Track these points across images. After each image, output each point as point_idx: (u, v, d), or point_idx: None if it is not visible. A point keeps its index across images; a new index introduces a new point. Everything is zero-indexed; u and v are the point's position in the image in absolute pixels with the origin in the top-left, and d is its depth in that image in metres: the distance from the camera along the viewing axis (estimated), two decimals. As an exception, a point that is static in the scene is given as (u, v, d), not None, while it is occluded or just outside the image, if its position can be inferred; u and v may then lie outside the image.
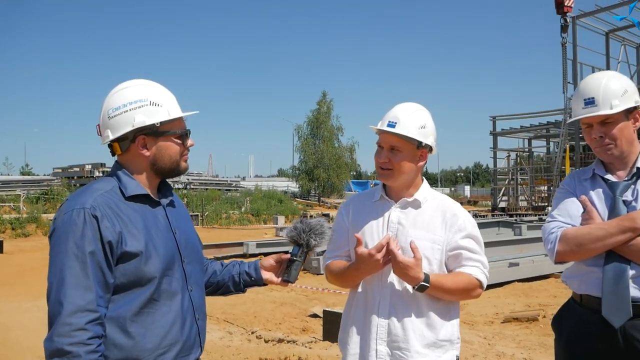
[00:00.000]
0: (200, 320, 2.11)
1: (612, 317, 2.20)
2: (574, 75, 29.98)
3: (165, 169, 2.08)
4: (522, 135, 44.28)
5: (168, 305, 1.97)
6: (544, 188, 38.68)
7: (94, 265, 1.82)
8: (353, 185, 58.62)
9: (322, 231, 2.37)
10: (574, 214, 2.39)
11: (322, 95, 52.24)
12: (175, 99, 2.11)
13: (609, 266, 2.25)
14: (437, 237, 2.37)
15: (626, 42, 33.81)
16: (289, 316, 8.35)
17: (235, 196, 39.24)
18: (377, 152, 2.45)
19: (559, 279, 10.73)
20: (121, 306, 1.88)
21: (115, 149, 2.06)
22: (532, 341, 6.47)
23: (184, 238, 2.12)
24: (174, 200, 2.19)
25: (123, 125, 2.00)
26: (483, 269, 2.38)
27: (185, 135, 2.12)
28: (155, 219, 2.03)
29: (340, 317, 6.59)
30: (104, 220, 1.87)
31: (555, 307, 8.22)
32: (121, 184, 2.00)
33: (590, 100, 2.36)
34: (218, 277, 2.38)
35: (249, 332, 7.12)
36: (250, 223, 30.32)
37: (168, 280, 1.98)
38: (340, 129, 52.27)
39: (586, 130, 2.42)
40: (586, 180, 2.47)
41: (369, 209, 2.51)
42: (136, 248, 1.90)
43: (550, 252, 2.38)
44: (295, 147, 52.92)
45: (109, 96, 2.06)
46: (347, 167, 52.63)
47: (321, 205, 45.80)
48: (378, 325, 2.35)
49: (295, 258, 2.37)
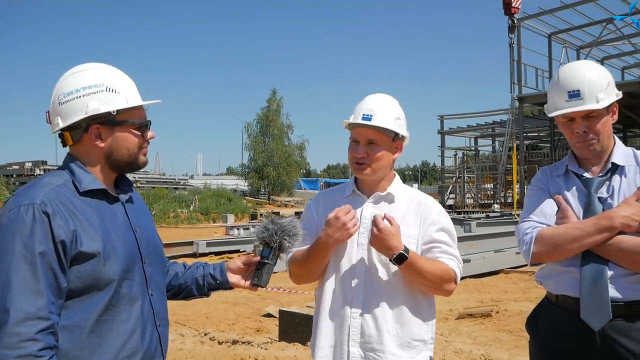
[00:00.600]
0: (161, 327, 1.95)
1: (591, 320, 2.13)
2: (518, 76, 30.78)
3: (121, 163, 1.90)
4: (469, 134, 45.23)
5: (128, 312, 1.80)
6: (489, 186, 39.57)
7: (44, 267, 1.63)
8: (303, 184, 58.58)
9: (295, 232, 2.23)
10: (549, 213, 2.31)
11: (271, 93, 51.77)
12: (135, 86, 1.93)
13: (587, 267, 2.18)
14: (411, 231, 2.29)
15: (567, 44, 34.95)
16: (243, 316, 8.17)
17: (183, 194, 38.42)
18: (352, 147, 2.35)
19: (509, 274, 10.95)
20: (76, 313, 1.70)
21: (67, 139, 1.87)
22: (488, 337, 6.51)
23: (144, 237, 1.95)
24: (133, 196, 2.01)
25: (75, 113, 1.81)
26: (458, 263, 2.31)
27: (145, 126, 1.95)
28: (113, 216, 1.86)
29: (296, 316, 6.54)
30: (56, 217, 1.68)
31: (507, 302, 8.40)
32: (74, 178, 1.82)
33: (575, 92, 2.25)
34: (180, 279, 2.20)
35: (201, 334, 6.90)
36: (199, 222, 29.77)
37: (128, 284, 1.81)
38: (290, 127, 51.99)
39: (566, 124, 2.32)
40: (559, 177, 2.39)
41: (341, 204, 2.40)
42: (93, 248, 1.72)
43: (526, 254, 2.29)
44: (244, 145, 52.36)
45: (60, 80, 1.86)
46: (297, 166, 52.40)
47: (271, 203, 45.43)
48: (350, 325, 2.24)
49: (267, 261, 2.21)
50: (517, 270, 11.25)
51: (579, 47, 35.81)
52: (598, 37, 32.80)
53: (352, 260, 2.29)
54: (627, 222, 2.12)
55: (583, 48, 35.59)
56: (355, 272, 2.27)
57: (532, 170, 26.66)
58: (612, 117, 2.31)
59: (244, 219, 31.39)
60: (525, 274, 10.84)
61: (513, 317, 7.39)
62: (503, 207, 31.70)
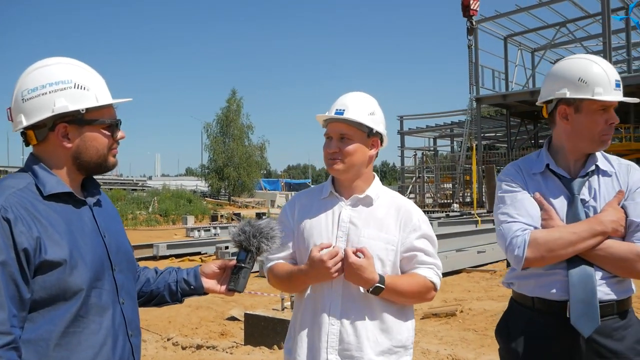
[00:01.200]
0: (134, 337, 1.84)
1: (580, 325, 2.09)
2: (476, 77, 31.33)
3: (90, 164, 1.79)
4: (428, 135, 45.87)
5: (97, 322, 1.68)
6: (448, 186, 40.15)
7: (5, 278, 1.51)
8: (264, 184, 58.18)
9: (272, 235, 2.14)
10: (535, 214, 2.22)
11: (231, 93, 51.27)
12: (104, 83, 1.81)
13: (575, 270, 2.13)
14: (391, 237, 2.23)
15: (522, 46, 35.79)
16: (206, 320, 8.01)
17: (141, 196, 37.67)
18: (326, 144, 2.29)
19: (470, 273, 11.07)
20: (41, 326, 1.58)
21: (30, 138, 1.74)
22: (454, 336, 6.54)
23: (114, 242, 1.83)
24: (102, 199, 1.89)
25: (40, 110, 1.69)
26: (437, 270, 2.27)
27: (116, 125, 1.83)
28: (80, 221, 1.74)
29: (262, 320, 6.43)
30: (17, 223, 1.56)
31: (470, 301, 8.48)
32: (38, 181, 1.69)
33: (619, 82, 2.21)
34: (152, 285, 2.09)
35: (164, 339, 6.72)
36: (158, 224, 29.22)
37: (97, 293, 1.70)
38: (250, 127, 51.56)
39: (599, 112, 2.21)
40: (535, 175, 2.32)
41: (318, 206, 2.33)
42: (58, 256, 1.60)
43: (517, 258, 2.15)
44: (204, 146, 51.73)
45: (24, 74, 1.73)
46: (257, 166, 52.04)
47: (232, 204, 45.00)
48: (329, 332, 2.17)
49: (243, 265, 2.12)
50: (479, 269, 11.40)
51: (533, 50, 36.73)
52: (552, 40, 33.70)
53: None
54: (616, 226, 2.11)
55: (537, 50, 36.54)
56: (334, 282, 2.20)
57: (490, 170, 27.12)
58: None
59: (204, 220, 30.98)
60: (486, 273, 11.00)
61: (477, 316, 7.47)
62: (462, 206, 32.21)
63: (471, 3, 29.55)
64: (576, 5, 30.37)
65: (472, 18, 30.14)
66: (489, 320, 7.22)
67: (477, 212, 22.35)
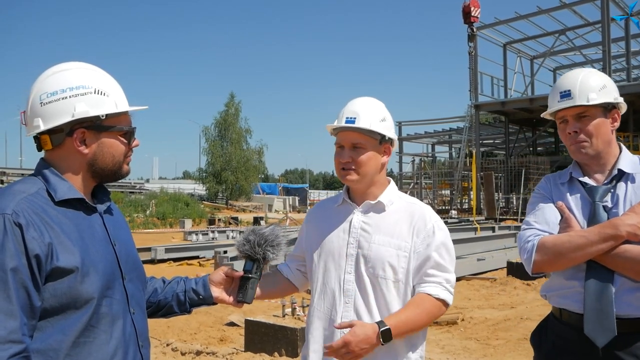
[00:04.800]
0: (144, 348, 1.80)
1: (595, 336, 2.05)
2: (475, 84, 31.37)
3: (105, 171, 1.76)
4: (426, 141, 45.92)
5: (108, 333, 1.64)
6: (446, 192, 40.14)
7: (16, 285, 1.47)
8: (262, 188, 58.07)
9: (277, 242, 2.11)
10: (552, 221, 2.22)
11: (229, 97, 51.21)
12: (122, 90, 1.78)
13: (591, 281, 2.10)
14: (403, 243, 2.18)
15: (522, 54, 35.87)
16: (205, 325, 7.95)
17: (139, 199, 37.64)
18: (337, 153, 2.24)
19: (470, 281, 11.03)
20: (51, 335, 1.54)
21: (45, 143, 1.70)
22: (456, 345, 6.49)
23: (124, 251, 1.79)
24: (112, 207, 1.86)
25: (60, 114, 1.65)
26: (446, 285, 2.18)
27: (132, 133, 1.80)
28: (91, 228, 1.70)
29: (263, 326, 6.36)
30: (29, 229, 1.52)
31: (471, 309, 8.43)
32: (49, 186, 1.66)
33: (566, 92, 2.23)
34: (159, 295, 2.05)
35: (163, 344, 6.66)
36: (156, 227, 29.16)
37: (108, 302, 1.66)
38: (248, 131, 51.50)
39: (561, 126, 2.29)
40: (563, 185, 2.32)
41: (331, 214, 2.31)
42: (71, 263, 1.56)
43: (527, 262, 2.19)
44: (202, 149, 51.65)
45: (42, 78, 1.69)
46: (255, 170, 51.99)
47: (229, 208, 44.88)
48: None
49: (251, 275, 2.08)
50: (479, 277, 11.36)
51: (532, 57, 36.79)
52: (551, 48, 33.77)
53: (341, 275, 2.19)
54: (633, 230, 2.04)
55: (536, 58, 36.60)
56: (345, 290, 2.17)
57: (489, 177, 27.15)
58: (611, 124, 2.25)
59: (202, 223, 30.93)
60: (486, 281, 10.95)
61: (479, 325, 7.42)
62: (460, 213, 32.18)
63: (472, 10, 29.62)
64: (576, 13, 30.45)
65: (473, 25, 30.23)
66: (490, 329, 7.17)
67: (476, 219, 22.31)
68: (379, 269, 2.14)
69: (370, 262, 2.15)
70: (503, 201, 30.99)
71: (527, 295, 9.30)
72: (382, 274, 2.14)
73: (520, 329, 7.07)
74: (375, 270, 2.15)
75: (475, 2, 29.91)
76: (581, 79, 2.24)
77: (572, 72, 2.32)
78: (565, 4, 29.10)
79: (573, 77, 2.27)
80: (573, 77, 2.27)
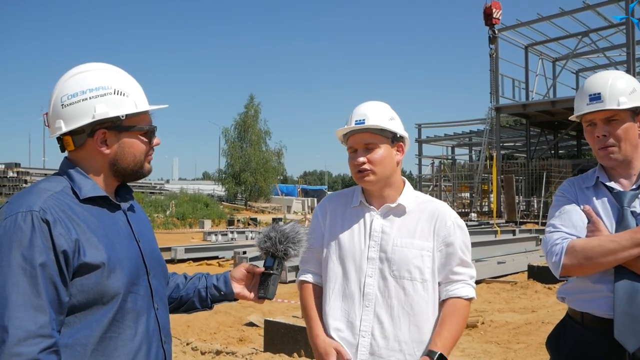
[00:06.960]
0: (166, 343, 1.81)
1: (625, 341, 2.01)
2: (495, 86, 31.14)
3: (126, 171, 1.78)
4: (446, 143, 45.64)
5: (133, 328, 1.66)
6: (466, 195, 39.86)
7: (45, 280, 1.49)
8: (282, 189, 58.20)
9: (299, 239, 2.11)
10: (579, 225, 2.19)
11: (249, 99, 51.49)
12: (142, 89, 1.81)
13: (621, 283, 2.06)
14: (425, 243, 2.19)
15: (543, 56, 35.51)
16: (224, 325, 7.99)
17: (159, 199, 38.01)
18: (351, 157, 2.24)
19: (490, 284, 10.93)
20: (79, 330, 1.56)
21: (67, 144, 1.72)
22: (476, 349, 6.44)
23: (148, 247, 1.82)
24: (134, 204, 1.88)
25: (81, 116, 1.67)
26: (471, 281, 2.23)
27: (152, 132, 1.82)
28: (115, 225, 1.72)
29: (282, 327, 6.37)
30: (57, 225, 1.54)
31: (492, 312, 8.37)
32: (74, 184, 1.68)
33: (596, 95, 2.19)
34: (181, 291, 2.07)
35: (183, 344, 6.70)
36: (175, 227, 29.41)
37: (133, 298, 1.68)
38: (268, 132, 51.75)
39: (588, 129, 2.26)
40: (588, 189, 2.28)
41: (348, 215, 2.30)
42: (97, 259, 1.58)
43: (555, 265, 2.15)
44: (221, 151, 51.98)
45: (62, 80, 1.72)
46: (274, 172, 52.18)
47: (248, 209, 45.13)
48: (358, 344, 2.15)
49: (272, 271, 2.08)
50: (499, 280, 11.26)
51: (554, 59, 36.40)
52: (574, 50, 33.36)
53: (362, 278, 2.18)
54: None
55: (559, 60, 36.20)
56: (365, 293, 2.17)
57: (509, 180, 26.89)
58: (639, 127, 2.22)
59: (221, 224, 31.10)
60: (507, 284, 10.85)
61: (499, 328, 7.35)
62: (480, 216, 31.94)
63: (494, 12, 29.42)
64: (599, 15, 30.08)
65: (494, 27, 30.01)
66: (511, 332, 7.10)
67: (496, 222, 22.13)
68: (404, 271, 2.14)
69: (395, 264, 2.15)
70: (524, 204, 30.69)
71: (548, 299, 9.19)
72: (408, 275, 2.14)
73: (541, 333, 6.99)
74: (401, 272, 2.15)
75: (496, 4, 29.71)
76: (611, 82, 2.20)
77: (600, 75, 2.29)
78: (589, 5, 28.76)
79: (602, 79, 2.23)
80: (602, 80, 2.23)
